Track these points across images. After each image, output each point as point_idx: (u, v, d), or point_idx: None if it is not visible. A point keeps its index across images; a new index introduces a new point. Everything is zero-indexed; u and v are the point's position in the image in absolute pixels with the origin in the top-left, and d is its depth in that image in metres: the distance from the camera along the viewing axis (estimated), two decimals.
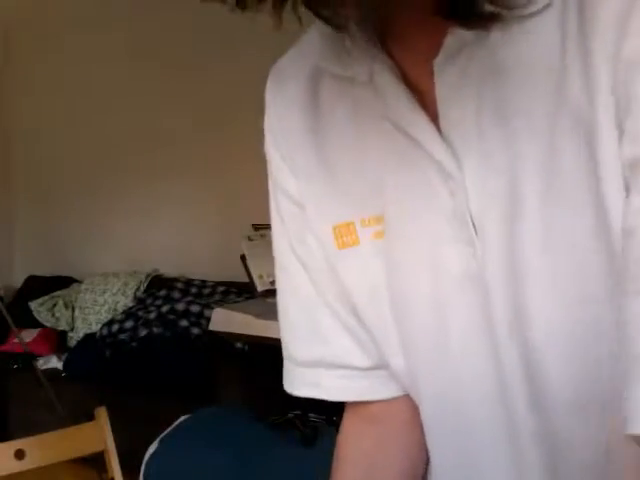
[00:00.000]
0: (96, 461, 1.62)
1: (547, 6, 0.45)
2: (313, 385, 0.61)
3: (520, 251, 0.47)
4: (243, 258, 2.68)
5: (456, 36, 0.46)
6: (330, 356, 0.60)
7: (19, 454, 1.34)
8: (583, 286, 0.46)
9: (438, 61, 0.48)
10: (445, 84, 0.49)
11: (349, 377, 0.60)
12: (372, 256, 0.55)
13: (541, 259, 0.47)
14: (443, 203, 0.50)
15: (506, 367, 0.50)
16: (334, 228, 0.57)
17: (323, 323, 0.59)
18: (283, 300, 0.63)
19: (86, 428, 1.46)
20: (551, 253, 0.46)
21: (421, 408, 0.58)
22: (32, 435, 1.39)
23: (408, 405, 0.60)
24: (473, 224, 0.49)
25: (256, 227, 2.87)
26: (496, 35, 0.46)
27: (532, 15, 0.45)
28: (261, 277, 2.69)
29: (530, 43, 0.46)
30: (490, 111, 0.48)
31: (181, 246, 3.74)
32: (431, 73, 0.49)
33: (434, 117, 0.50)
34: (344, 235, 0.56)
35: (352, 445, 0.65)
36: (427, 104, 0.50)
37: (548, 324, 0.47)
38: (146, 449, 2.02)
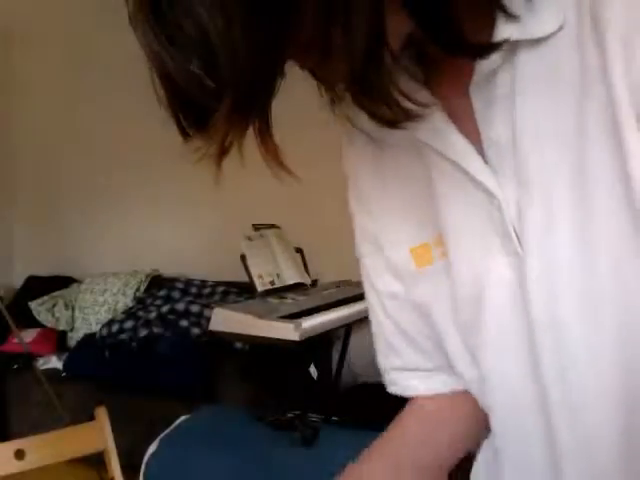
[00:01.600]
0: (96, 461, 1.62)
1: (561, 27, 0.48)
2: (392, 383, 0.77)
3: (555, 260, 0.51)
4: (243, 258, 2.68)
5: (482, 64, 0.51)
6: (401, 364, 0.74)
7: (19, 454, 1.34)
8: (619, 286, 0.49)
9: (472, 87, 0.53)
10: (481, 107, 0.53)
11: (417, 377, 0.72)
12: (443, 273, 0.61)
13: (576, 264, 0.50)
14: (490, 219, 0.55)
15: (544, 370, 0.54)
16: (411, 250, 0.64)
17: (394, 341, 0.73)
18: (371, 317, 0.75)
19: (86, 428, 1.46)
20: (587, 256, 0.49)
21: (491, 413, 0.63)
22: (32, 435, 1.39)
23: (461, 400, 0.68)
24: (517, 237, 0.53)
25: (256, 227, 2.87)
26: (519, 57, 0.50)
27: (547, 38, 0.48)
28: (261, 277, 2.69)
29: (551, 63, 0.49)
30: (520, 129, 0.51)
31: (181, 246, 3.74)
32: (468, 97, 0.54)
33: (474, 138, 0.54)
34: (421, 255, 0.63)
35: (402, 426, 0.76)
36: (467, 128, 0.55)
37: (583, 325, 0.51)
38: (146, 449, 2.02)
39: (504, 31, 0.47)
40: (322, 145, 3.39)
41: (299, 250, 3.02)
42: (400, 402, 0.79)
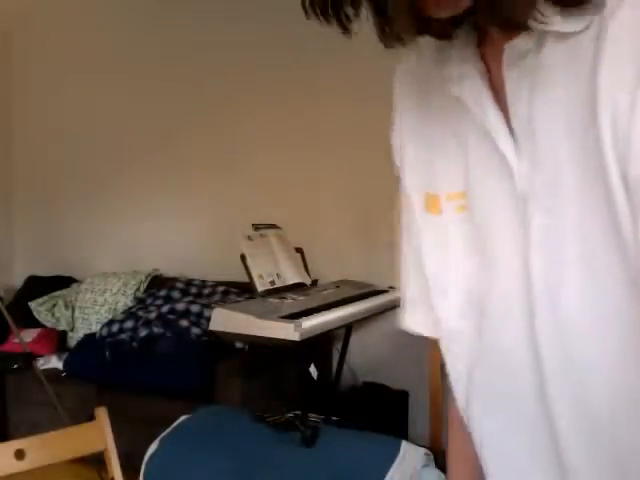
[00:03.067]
0: (96, 461, 1.62)
1: (585, 28, 0.52)
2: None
3: (556, 238, 0.56)
4: (243, 258, 2.68)
5: (513, 48, 0.56)
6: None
7: (19, 454, 1.34)
8: (619, 264, 0.52)
9: (504, 67, 0.58)
10: (511, 87, 0.58)
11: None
12: (453, 225, 0.66)
13: (577, 245, 0.54)
14: (507, 186, 0.60)
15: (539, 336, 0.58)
16: (426, 195, 0.69)
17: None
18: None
19: (86, 428, 1.46)
20: (586, 239, 0.54)
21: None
22: (32, 435, 1.39)
23: None
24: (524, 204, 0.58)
25: (256, 227, 2.86)
26: (546, 49, 0.55)
27: (570, 35, 0.53)
28: (261, 277, 2.68)
29: (572, 58, 0.54)
30: (538, 113, 0.56)
31: (181, 246, 3.74)
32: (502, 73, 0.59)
33: (504, 111, 0.60)
34: (430, 204, 0.69)
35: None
36: (500, 100, 0.60)
37: (582, 290, 0.55)
38: (146, 449, 2.02)
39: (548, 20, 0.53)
40: (322, 145, 3.39)
41: (299, 250, 3.02)
42: (400, 402, 0.79)
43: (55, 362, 3.31)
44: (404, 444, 2.00)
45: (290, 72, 3.42)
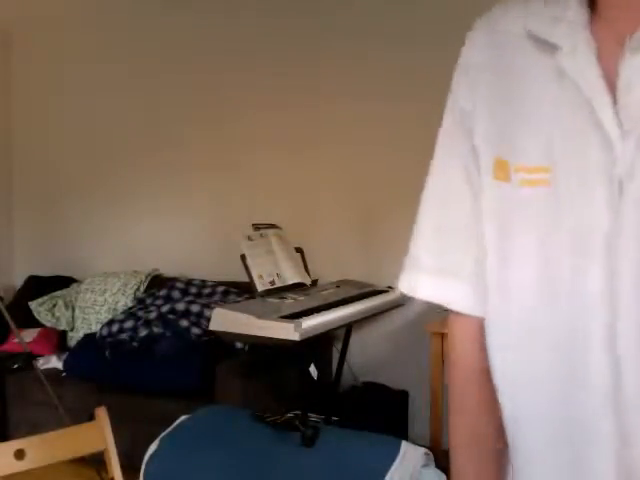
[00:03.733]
0: (96, 461, 1.62)
1: None
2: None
3: None
4: (243, 258, 2.68)
5: None
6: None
7: (19, 454, 1.34)
8: None
9: (632, 45, 0.58)
10: (631, 67, 0.58)
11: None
12: (526, 199, 0.64)
13: None
14: (602, 164, 0.59)
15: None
16: (495, 159, 0.67)
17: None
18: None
19: (86, 428, 1.46)
20: None
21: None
22: (32, 435, 1.39)
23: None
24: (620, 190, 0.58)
25: (256, 227, 2.87)
26: None
27: None
28: (261, 277, 2.68)
29: None
30: None
31: (181, 246, 3.74)
32: (621, 54, 0.59)
33: (612, 90, 0.59)
34: (499, 169, 0.66)
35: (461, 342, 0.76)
36: (611, 78, 0.59)
37: None
38: (146, 449, 2.02)
39: None
40: (322, 145, 3.39)
41: (299, 250, 3.02)
42: (400, 402, 0.79)
43: (55, 362, 3.31)
44: (404, 444, 2.00)
45: (290, 72, 3.42)
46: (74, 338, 3.52)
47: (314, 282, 3.01)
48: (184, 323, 3.04)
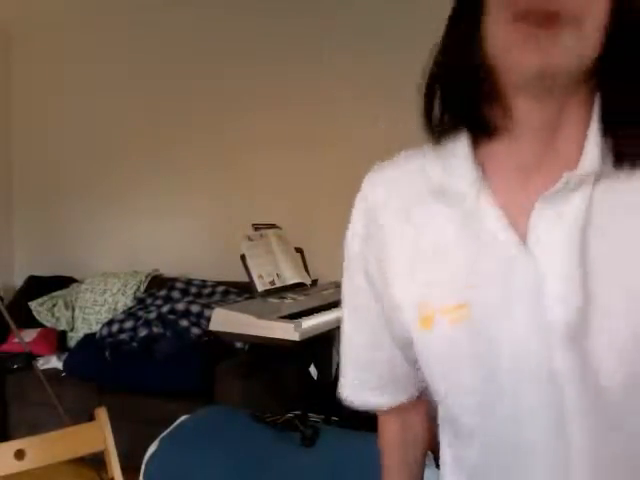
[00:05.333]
0: (96, 461, 1.62)
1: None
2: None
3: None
4: (243, 258, 2.68)
5: (569, 183, 0.56)
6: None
7: (19, 454, 1.34)
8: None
9: (546, 195, 0.57)
10: (542, 217, 0.58)
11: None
12: (449, 339, 0.64)
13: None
14: (517, 295, 0.59)
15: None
16: (418, 305, 0.66)
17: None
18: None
19: (86, 428, 1.46)
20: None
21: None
22: (32, 435, 1.39)
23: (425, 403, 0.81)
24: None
25: (256, 227, 2.87)
26: (599, 186, 0.56)
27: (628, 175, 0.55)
28: (261, 277, 2.68)
29: (629, 200, 0.56)
30: (573, 251, 0.56)
31: (181, 246, 3.74)
32: (530, 201, 0.59)
33: (521, 230, 0.59)
34: (424, 315, 0.65)
35: (389, 431, 0.91)
36: (516, 217, 0.60)
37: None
38: (146, 449, 2.02)
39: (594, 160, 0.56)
40: (322, 144, 3.39)
41: (299, 250, 3.02)
42: None
43: (55, 362, 3.31)
44: None
45: (290, 72, 3.42)
46: (74, 338, 3.52)
47: (314, 282, 3.01)
48: (184, 323, 3.04)
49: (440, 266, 0.64)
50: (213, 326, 2.44)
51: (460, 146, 0.63)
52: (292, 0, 3.39)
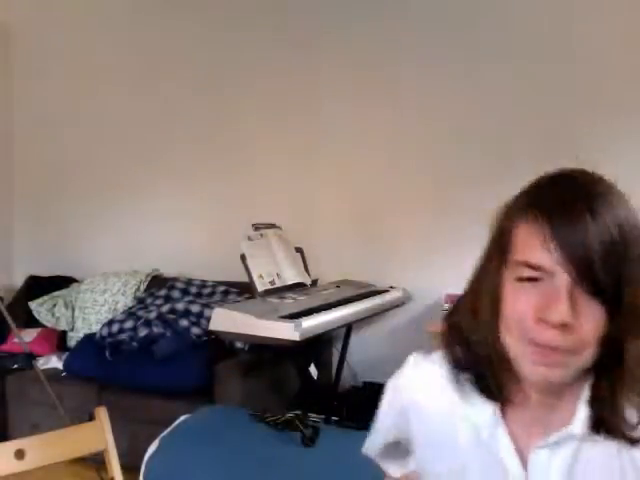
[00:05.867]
0: (96, 461, 1.62)
1: None
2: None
3: None
4: (243, 258, 2.68)
5: (559, 439, 0.74)
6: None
7: (19, 454, 1.34)
8: None
9: (538, 445, 0.75)
10: (535, 462, 0.75)
11: None
12: None
13: None
14: None
15: None
16: None
17: None
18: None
19: (86, 428, 1.46)
20: None
21: None
22: (32, 435, 1.39)
23: None
24: None
25: (256, 227, 2.87)
26: (584, 445, 0.74)
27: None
28: (261, 277, 2.69)
29: (608, 460, 0.74)
30: None
31: (181, 246, 3.74)
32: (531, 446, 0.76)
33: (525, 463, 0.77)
34: None
35: None
36: (524, 454, 0.77)
37: None
38: (146, 449, 2.02)
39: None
40: (322, 145, 3.39)
41: (299, 250, 3.02)
42: None
43: (55, 362, 3.31)
44: None
45: (290, 73, 3.42)
46: (74, 338, 3.52)
47: (314, 282, 3.01)
48: (184, 323, 3.04)
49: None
50: (213, 326, 2.44)
51: (488, 414, 0.79)
52: (293, 5, 3.39)
